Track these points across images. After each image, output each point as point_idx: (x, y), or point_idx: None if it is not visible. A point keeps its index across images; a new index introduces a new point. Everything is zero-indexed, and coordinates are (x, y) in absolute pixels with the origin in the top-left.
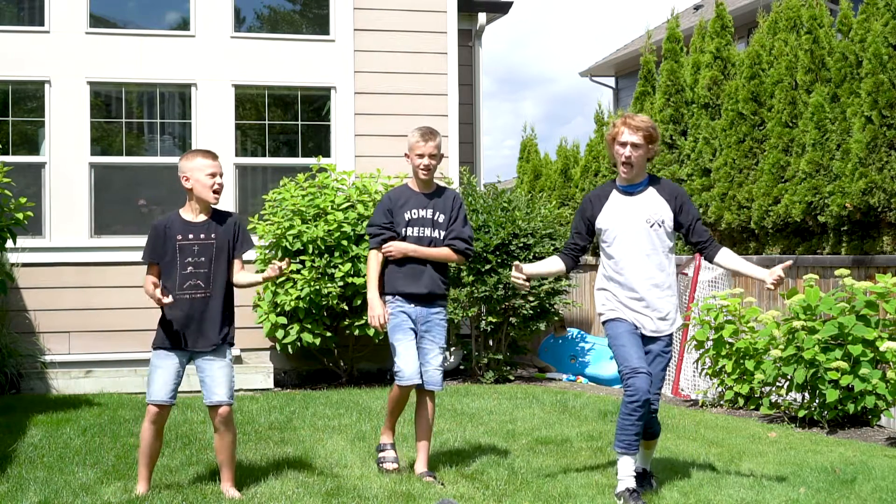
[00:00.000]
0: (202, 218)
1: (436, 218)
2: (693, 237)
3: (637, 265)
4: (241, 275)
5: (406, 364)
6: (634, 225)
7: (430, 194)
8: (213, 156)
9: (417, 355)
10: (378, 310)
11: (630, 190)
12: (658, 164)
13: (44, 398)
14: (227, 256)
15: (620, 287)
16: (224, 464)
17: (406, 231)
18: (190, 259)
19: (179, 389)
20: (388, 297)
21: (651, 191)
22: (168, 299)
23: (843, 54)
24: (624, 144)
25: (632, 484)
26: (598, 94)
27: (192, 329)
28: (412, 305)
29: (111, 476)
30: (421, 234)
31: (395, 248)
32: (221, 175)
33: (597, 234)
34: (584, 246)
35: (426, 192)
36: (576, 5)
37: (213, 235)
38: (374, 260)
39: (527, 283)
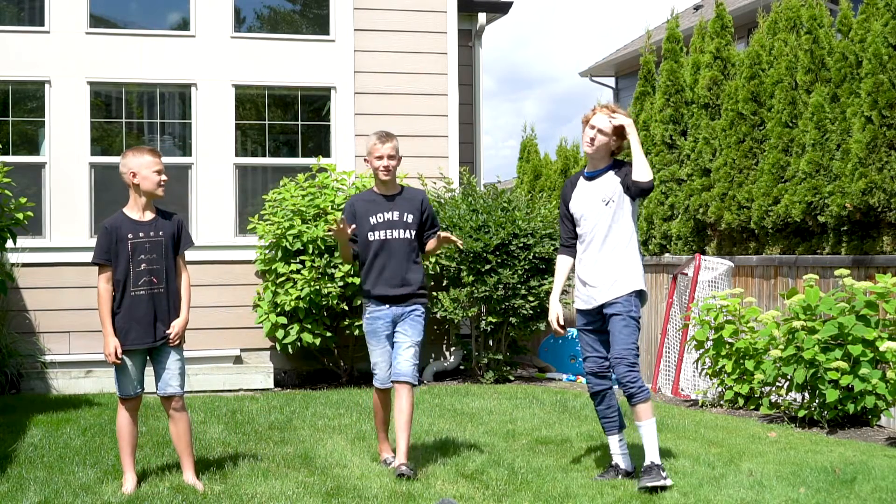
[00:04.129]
0: (149, 216)
1: (404, 219)
2: (625, 183)
3: (595, 243)
4: (183, 280)
5: (381, 369)
6: (593, 206)
7: (393, 196)
8: (158, 153)
9: (391, 357)
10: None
11: (592, 175)
12: (658, 165)
13: (44, 398)
14: (172, 253)
15: (580, 263)
16: (183, 452)
17: (371, 235)
18: (143, 256)
19: None
20: (364, 300)
21: (609, 174)
22: (119, 361)
23: (843, 54)
24: (593, 127)
25: (615, 461)
26: (599, 94)
27: (150, 324)
28: (387, 307)
29: (111, 476)
30: (387, 237)
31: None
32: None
33: None
34: (575, 231)
35: (388, 195)
36: (576, 5)
37: (160, 233)
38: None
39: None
